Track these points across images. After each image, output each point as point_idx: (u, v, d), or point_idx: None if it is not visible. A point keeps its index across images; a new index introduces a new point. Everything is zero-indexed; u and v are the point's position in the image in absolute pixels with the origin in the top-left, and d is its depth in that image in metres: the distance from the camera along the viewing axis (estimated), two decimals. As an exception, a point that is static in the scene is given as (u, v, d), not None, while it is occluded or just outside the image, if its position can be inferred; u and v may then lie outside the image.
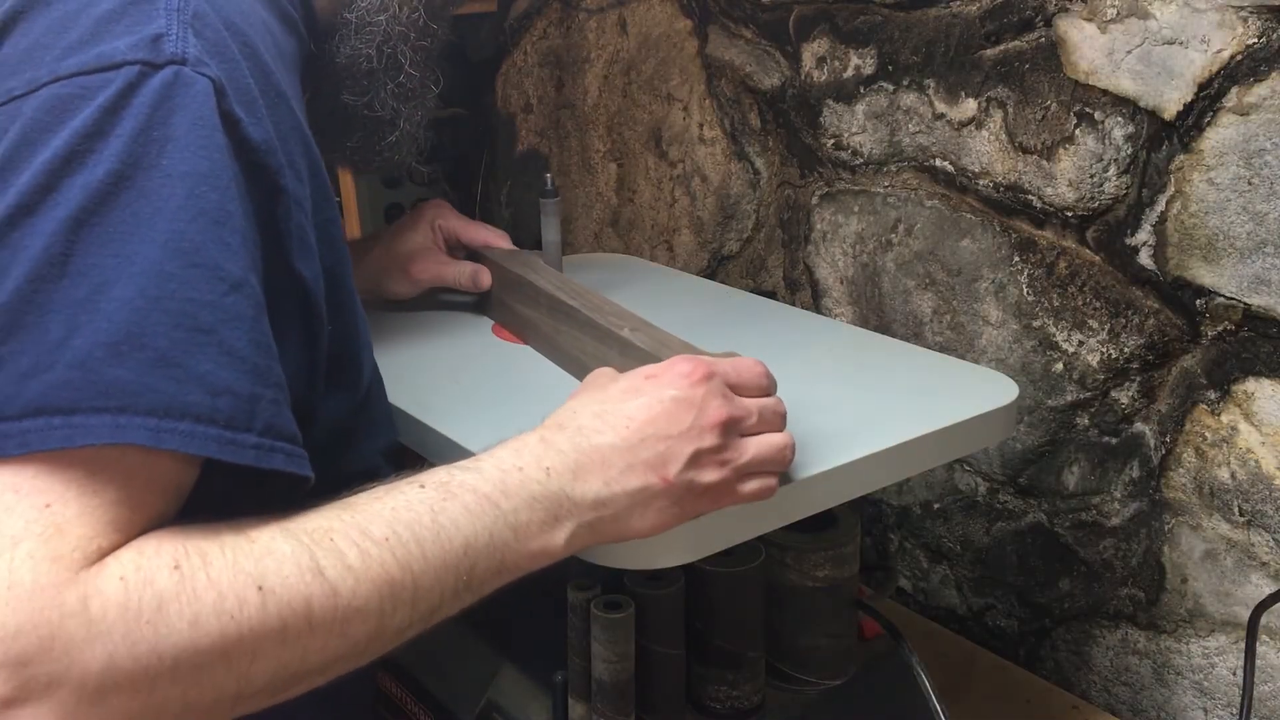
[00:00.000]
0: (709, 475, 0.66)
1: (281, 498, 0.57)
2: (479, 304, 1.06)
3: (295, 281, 0.62)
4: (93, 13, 0.57)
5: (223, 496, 0.55)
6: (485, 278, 1.02)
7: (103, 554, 0.49)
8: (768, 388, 0.70)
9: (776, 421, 0.69)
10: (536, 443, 0.64)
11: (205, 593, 0.50)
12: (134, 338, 0.51)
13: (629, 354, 0.81)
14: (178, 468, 0.54)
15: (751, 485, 0.68)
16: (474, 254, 1.05)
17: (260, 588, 0.51)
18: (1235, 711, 0.99)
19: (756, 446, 0.68)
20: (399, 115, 0.83)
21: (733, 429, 0.67)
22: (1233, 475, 0.95)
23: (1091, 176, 1.01)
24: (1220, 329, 0.94)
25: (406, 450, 0.82)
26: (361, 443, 0.75)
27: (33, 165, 0.52)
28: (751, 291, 1.16)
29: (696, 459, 0.65)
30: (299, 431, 0.58)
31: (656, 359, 0.76)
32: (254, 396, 0.55)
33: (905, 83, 1.15)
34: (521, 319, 0.97)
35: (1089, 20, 0.98)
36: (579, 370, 0.86)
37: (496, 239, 1.06)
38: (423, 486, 0.59)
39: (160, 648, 0.48)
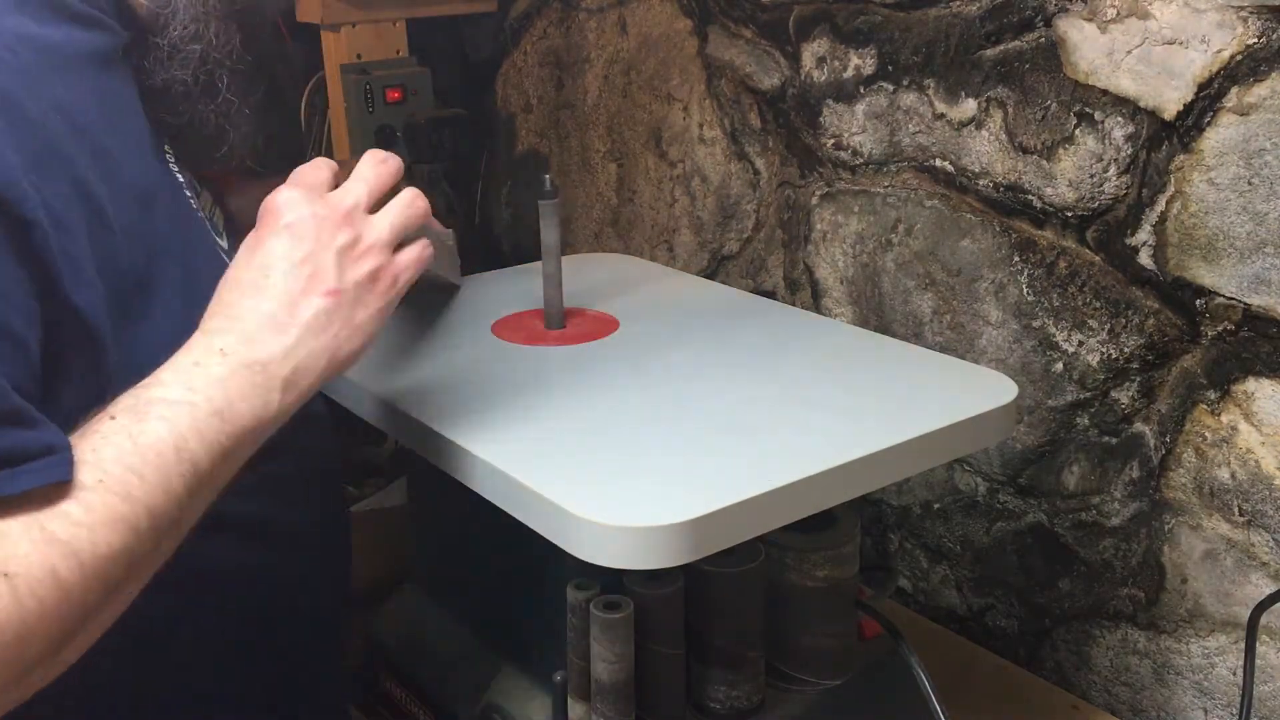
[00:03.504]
0: (365, 264, 0.67)
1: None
2: None
3: (70, 311, 0.61)
4: None
5: None
6: None
7: None
8: (339, 172, 0.70)
9: (383, 176, 0.69)
10: (200, 338, 0.65)
11: None
12: None
13: None
14: None
15: (409, 253, 0.69)
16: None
17: (5, 574, 0.51)
18: (1235, 711, 0.99)
19: (388, 214, 0.68)
20: (224, 132, 0.81)
21: (355, 214, 0.67)
22: (1233, 475, 0.95)
23: (1091, 176, 1.01)
24: (1220, 329, 0.94)
25: None
26: None
27: None
28: (751, 291, 1.17)
29: (342, 258, 0.66)
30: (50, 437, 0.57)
31: None
32: None
33: (905, 83, 1.15)
34: None
35: (1089, 20, 0.98)
36: None
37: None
38: (113, 417, 0.59)
39: None
